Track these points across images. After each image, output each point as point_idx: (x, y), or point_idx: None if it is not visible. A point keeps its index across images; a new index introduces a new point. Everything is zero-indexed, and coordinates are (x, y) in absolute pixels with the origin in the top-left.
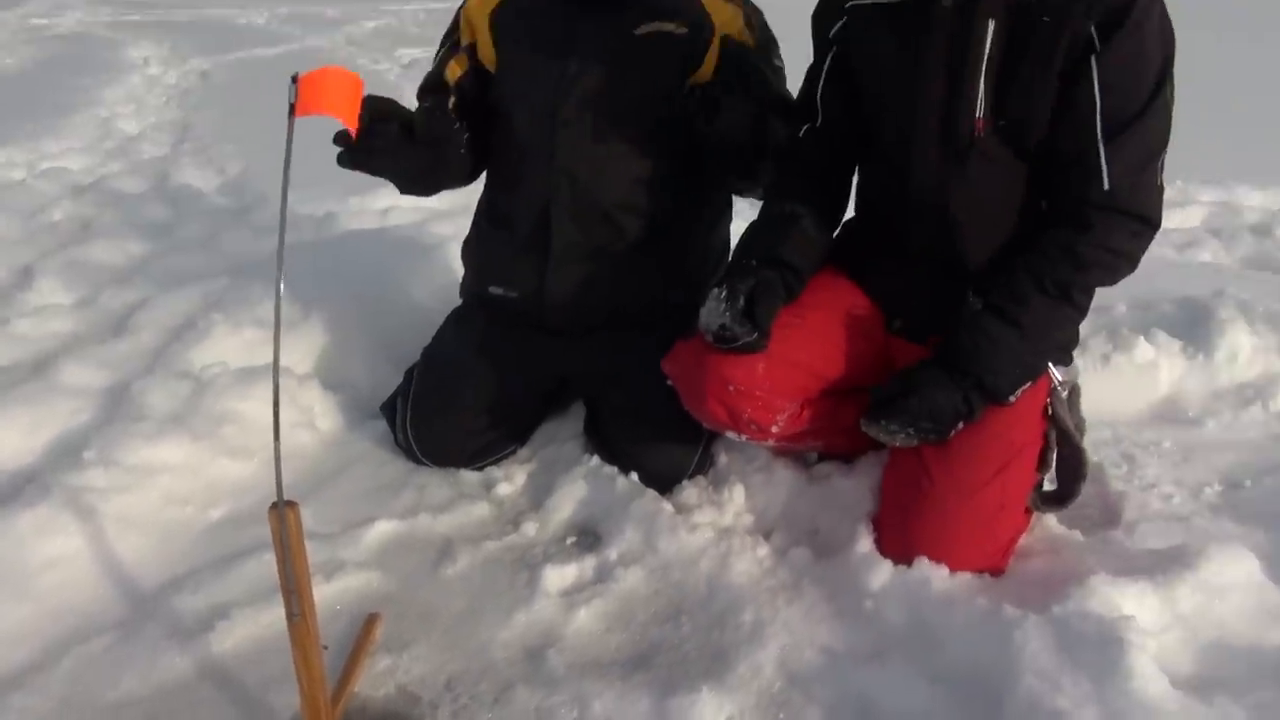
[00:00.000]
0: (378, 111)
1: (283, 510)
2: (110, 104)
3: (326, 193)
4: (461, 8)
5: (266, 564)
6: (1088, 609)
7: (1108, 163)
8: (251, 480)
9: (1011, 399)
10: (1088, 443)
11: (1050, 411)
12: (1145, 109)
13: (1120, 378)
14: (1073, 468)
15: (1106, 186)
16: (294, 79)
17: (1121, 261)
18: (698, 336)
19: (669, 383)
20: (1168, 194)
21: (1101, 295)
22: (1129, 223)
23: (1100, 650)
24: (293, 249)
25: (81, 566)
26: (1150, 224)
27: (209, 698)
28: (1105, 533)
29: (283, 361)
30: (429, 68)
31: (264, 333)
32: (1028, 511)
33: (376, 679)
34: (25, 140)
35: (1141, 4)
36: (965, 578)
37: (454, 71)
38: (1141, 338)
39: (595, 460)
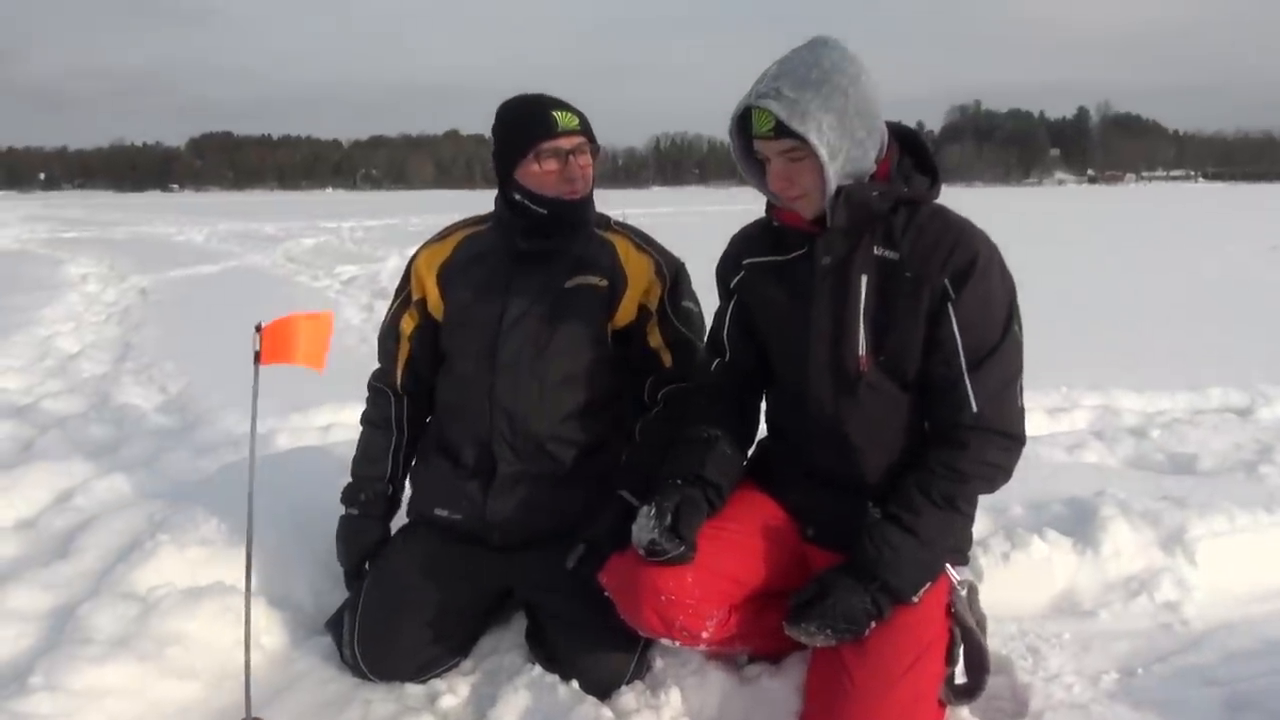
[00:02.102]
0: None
1: None
2: (49, 322)
3: (267, 409)
4: (412, 262)
5: None
6: None
7: (973, 390)
8: (195, 701)
9: (915, 599)
10: (997, 636)
11: (953, 609)
12: (999, 344)
13: (1020, 574)
14: (977, 661)
15: (975, 410)
16: (258, 328)
17: (997, 473)
18: (631, 551)
19: (606, 594)
20: (1054, 400)
21: (997, 497)
22: (998, 440)
23: None
24: (236, 466)
25: None
26: (1016, 439)
27: None
28: None
29: (227, 580)
30: (368, 285)
31: (208, 552)
32: (941, 705)
33: None
34: None
35: (982, 262)
36: None
37: (407, 325)
38: (1036, 536)
39: (537, 669)
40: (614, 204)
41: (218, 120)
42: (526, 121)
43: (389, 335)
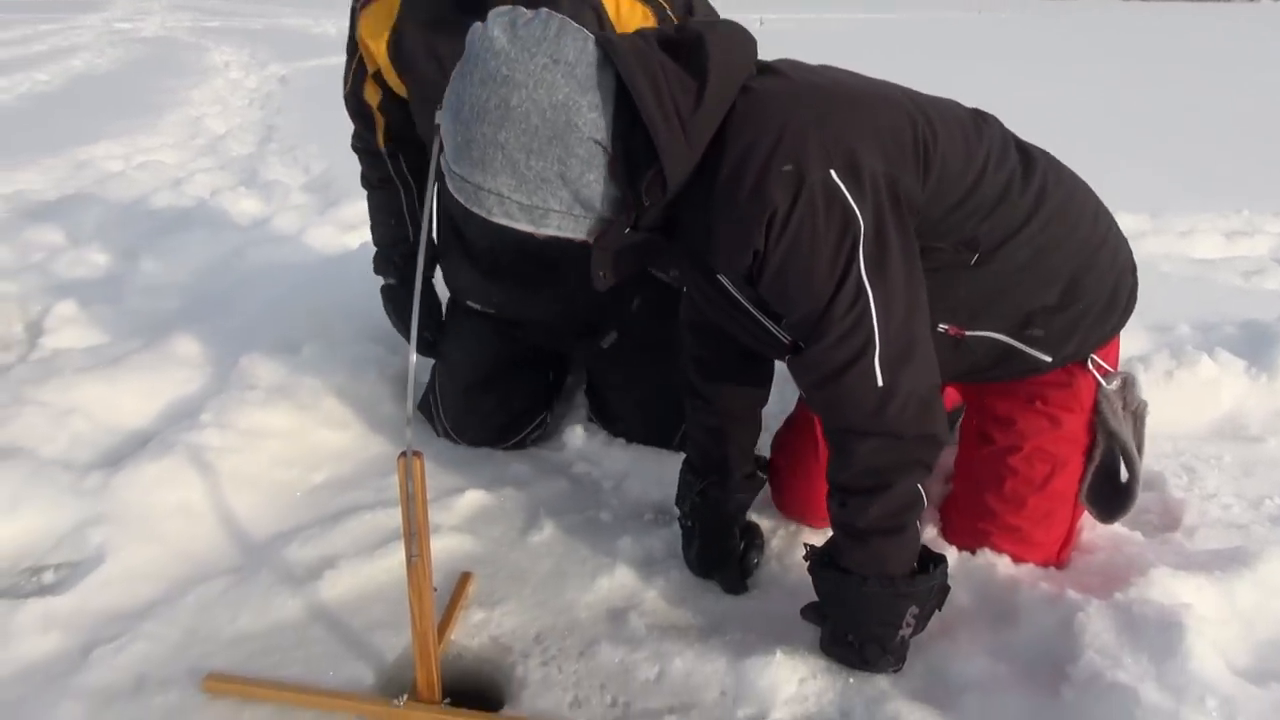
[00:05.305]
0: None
1: (410, 459)
2: (198, 104)
3: None
4: (354, 27)
5: (368, 523)
6: (1148, 596)
7: (801, 383)
8: (349, 448)
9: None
10: (1150, 454)
11: (1099, 411)
12: (821, 314)
13: (1182, 393)
14: (1126, 468)
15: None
16: (439, 107)
17: (884, 476)
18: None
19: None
20: (1233, 224)
21: (1163, 314)
22: (868, 441)
23: (1161, 633)
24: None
25: (201, 516)
26: (890, 436)
27: (319, 636)
28: (1165, 535)
29: (373, 341)
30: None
31: (351, 312)
32: (1079, 507)
33: (471, 630)
34: (121, 135)
35: (777, 256)
36: (1029, 566)
37: (372, 97)
38: (1205, 355)
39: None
40: (750, 8)
41: None
42: None
43: (356, 101)
